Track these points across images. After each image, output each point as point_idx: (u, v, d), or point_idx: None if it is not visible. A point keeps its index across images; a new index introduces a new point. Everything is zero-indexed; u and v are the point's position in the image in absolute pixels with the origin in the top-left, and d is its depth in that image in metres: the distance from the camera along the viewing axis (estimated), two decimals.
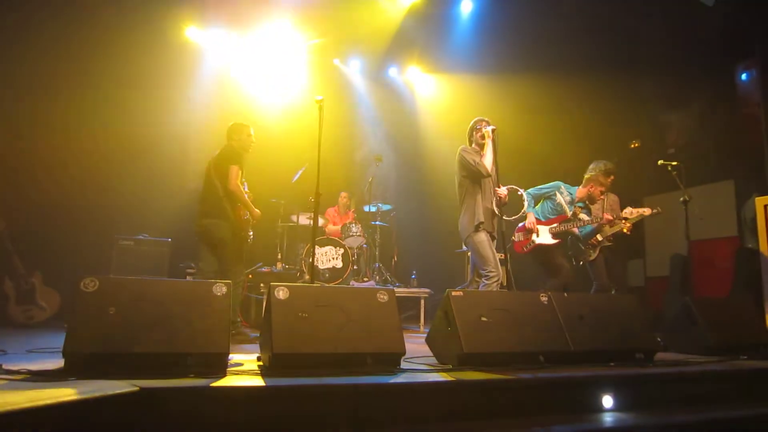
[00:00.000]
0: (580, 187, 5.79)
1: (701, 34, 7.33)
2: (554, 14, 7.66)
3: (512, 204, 5.17)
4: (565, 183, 5.82)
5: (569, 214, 5.61)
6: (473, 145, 4.95)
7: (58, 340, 2.52)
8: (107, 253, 6.57)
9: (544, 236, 5.51)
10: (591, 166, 5.86)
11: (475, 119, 4.99)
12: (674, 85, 8.34)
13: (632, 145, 9.17)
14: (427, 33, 8.74)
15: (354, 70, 9.55)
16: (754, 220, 5.57)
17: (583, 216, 5.65)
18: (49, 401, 1.84)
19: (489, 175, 4.75)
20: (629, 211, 5.69)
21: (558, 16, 7.67)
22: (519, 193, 5.35)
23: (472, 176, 4.81)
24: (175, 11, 7.68)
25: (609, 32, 7.83)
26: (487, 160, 4.74)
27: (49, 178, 6.91)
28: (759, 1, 6.31)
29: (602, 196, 5.75)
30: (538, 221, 5.56)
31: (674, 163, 5.48)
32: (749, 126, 7.17)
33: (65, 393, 1.98)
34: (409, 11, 8.14)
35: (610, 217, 5.59)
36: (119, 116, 7.25)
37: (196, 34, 8.21)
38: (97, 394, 1.99)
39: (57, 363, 2.56)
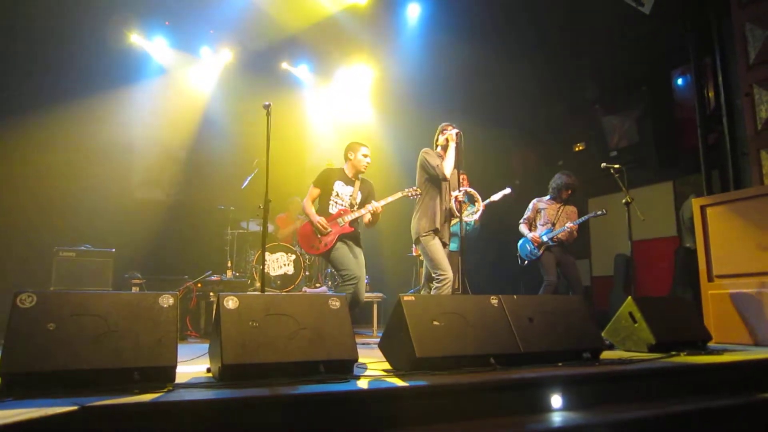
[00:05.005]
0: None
1: (640, 40, 7.62)
2: (497, 22, 7.82)
3: None
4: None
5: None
6: (438, 149, 4.99)
7: None
8: (47, 265, 6.29)
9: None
10: (555, 177, 6.14)
11: (443, 123, 5.04)
12: (615, 90, 8.63)
13: (576, 148, 9.43)
14: (375, 37, 8.76)
15: (302, 74, 9.48)
16: (691, 220, 5.82)
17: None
18: None
19: (446, 179, 4.79)
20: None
21: (501, 23, 7.84)
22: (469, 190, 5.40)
23: (432, 179, 4.84)
24: (116, 18, 7.47)
25: (553, 39, 8.05)
26: (448, 164, 4.77)
27: None
28: (692, 10, 6.58)
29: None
30: None
31: (616, 165, 5.66)
32: (686, 129, 7.47)
33: (1, 416, 1.88)
34: (355, 14, 8.14)
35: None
36: (57, 122, 6.99)
37: (138, 41, 8.01)
38: (34, 415, 1.90)
39: None
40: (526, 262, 6.20)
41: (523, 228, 6.24)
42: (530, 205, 6.31)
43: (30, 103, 6.84)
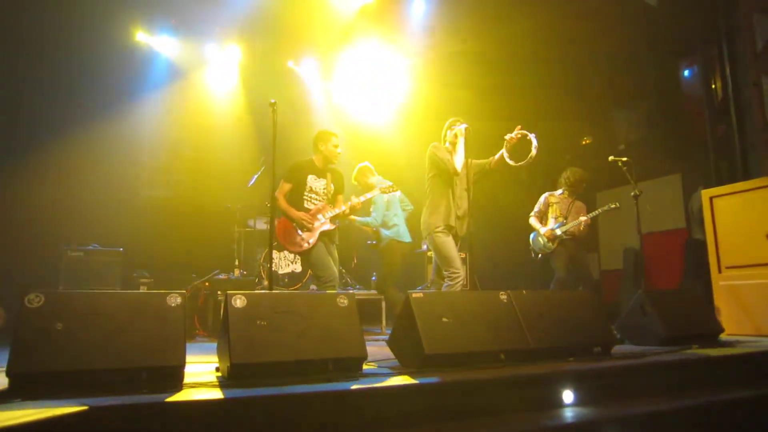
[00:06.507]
0: None
1: (646, 32, 7.55)
2: (505, 15, 7.77)
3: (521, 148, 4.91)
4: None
5: None
6: (446, 144, 4.95)
7: (4, 359, 2.40)
8: (55, 264, 6.32)
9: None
10: (569, 172, 6.18)
11: (450, 119, 4.98)
12: (622, 82, 8.57)
13: (584, 142, 9.36)
14: (380, 33, 8.72)
15: (308, 72, 9.46)
16: (700, 211, 5.77)
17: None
18: None
19: (457, 174, 4.73)
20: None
21: (508, 17, 7.78)
22: (529, 137, 4.85)
23: (442, 174, 4.80)
24: (122, 17, 7.47)
25: (558, 32, 7.98)
26: (458, 159, 4.72)
27: None
28: (699, 0, 6.53)
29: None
30: None
31: (624, 159, 5.61)
32: (693, 121, 7.41)
33: (10, 416, 1.88)
34: (361, 11, 8.11)
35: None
36: (64, 122, 7.01)
37: (144, 39, 8.01)
38: (43, 415, 1.89)
39: (1, 383, 2.43)
40: (539, 255, 6.14)
41: (534, 222, 6.19)
42: (542, 199, 6.25)
43: (37, 104, 6.87)
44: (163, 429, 2.09)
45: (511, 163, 4.77)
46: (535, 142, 4.71)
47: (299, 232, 4.82)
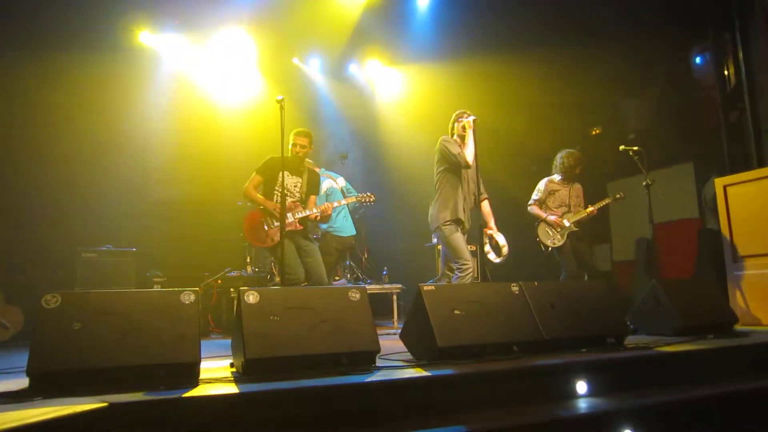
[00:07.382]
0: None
1: (656, 18, 7.46)
2: (511, 4, 7.73)
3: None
4: None
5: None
6: (454, 137, 4.94)
7: (24, 359, 2.44)
8: (71, 266, 6.39)
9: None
10: (563, 156, 5.98)
11: (457, 111, 4.97)
12: (632, 70, 8.48)
13: (594, 132, 9.29)
14: (385, 28, 8.71)
15: (314, 69, 9.47)
16: (714, 200, 5.71)
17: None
18: (15, 424, 1.78)
19: (469, 166, 4.73)
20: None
21: (513, 5, 7.74)
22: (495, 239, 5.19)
23: (453, 167, 4.80)
24: (127, 17, 7.50)
25: (567, 19, 7.92)
26: (469, 151, 4.71)
27: (5, 191, 6.70)
28: None
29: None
30: None
31: (635, 148, 5.56)
32: (706, 109, 7.33)
33: (32, 414, 1.91)
34: (366, 7, 8.11)
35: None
36: (75, 124, 7.06)
37: (150, 39, 8.03)
38: (64, 413, 1.93)
39: (22, 383, 2.48)
40: (549, 249, 5.84)
41: (536, 210, 5.90)
42: (542, 186, 5.97)
43: (46, 107, 6.92)
44: (180, 424, 2.12)
45: (491, 257, 5.01)
46: (501, 241, 5.05)
47: (265, 227, 4.79)
